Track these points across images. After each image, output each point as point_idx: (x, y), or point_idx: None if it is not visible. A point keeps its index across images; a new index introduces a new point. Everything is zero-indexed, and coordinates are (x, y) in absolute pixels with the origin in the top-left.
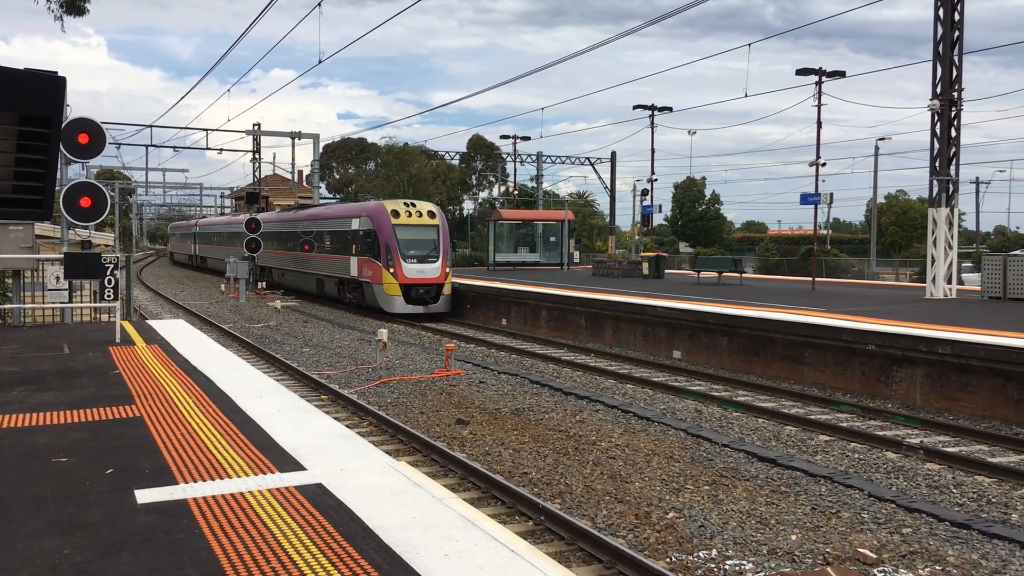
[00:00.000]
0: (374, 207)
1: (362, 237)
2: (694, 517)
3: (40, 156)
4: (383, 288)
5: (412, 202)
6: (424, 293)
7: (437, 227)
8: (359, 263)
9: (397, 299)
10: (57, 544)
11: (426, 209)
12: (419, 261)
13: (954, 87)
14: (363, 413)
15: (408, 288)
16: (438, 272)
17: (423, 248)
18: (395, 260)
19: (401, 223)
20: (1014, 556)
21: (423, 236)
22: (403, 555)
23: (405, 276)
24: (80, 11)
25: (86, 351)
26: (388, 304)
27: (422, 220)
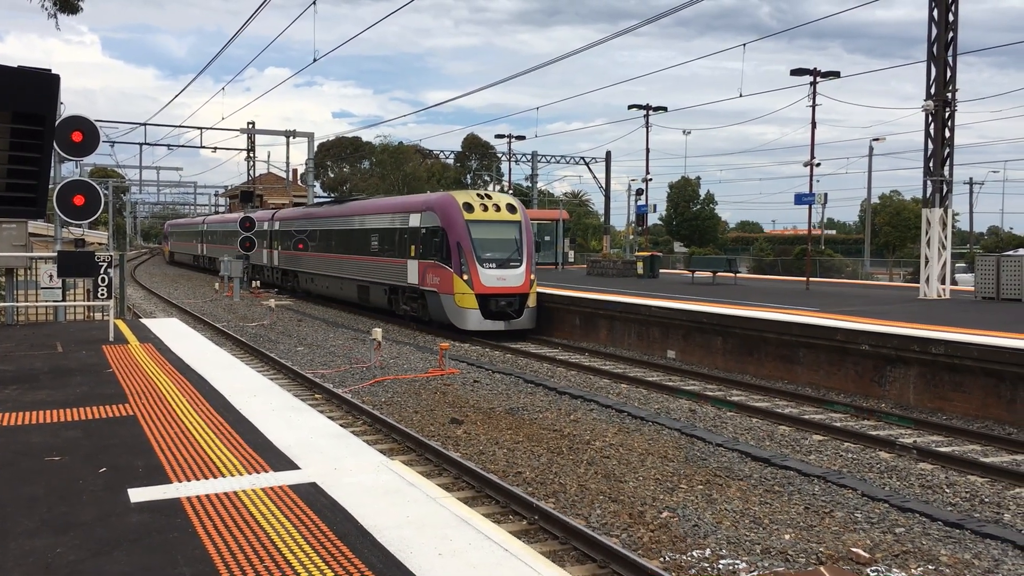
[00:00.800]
0: (441, 199)
1: (425, 236)
2: (688, 516)
3: (33, 154)
4: (454, 299)
5: (487, 193)
6: (506, 305)
7: (519, 224)
8: (420, 268)
9: (472, 313)
10: (50, 543)
11: (504, 202)
12: (499, 266)
13: (948, 88)
14: (357, 412)
15: (486, 299)
16: (522, 279)
17: (503, 250)
18: (470, 265)
19: (476, 219)
20: (1006, 556)
21: (503, 235)
22: (397, 554)
23: (482, 285)
24: (74, 9)
25: (79, 350)
26: (460, 319)
27: (500, 215)
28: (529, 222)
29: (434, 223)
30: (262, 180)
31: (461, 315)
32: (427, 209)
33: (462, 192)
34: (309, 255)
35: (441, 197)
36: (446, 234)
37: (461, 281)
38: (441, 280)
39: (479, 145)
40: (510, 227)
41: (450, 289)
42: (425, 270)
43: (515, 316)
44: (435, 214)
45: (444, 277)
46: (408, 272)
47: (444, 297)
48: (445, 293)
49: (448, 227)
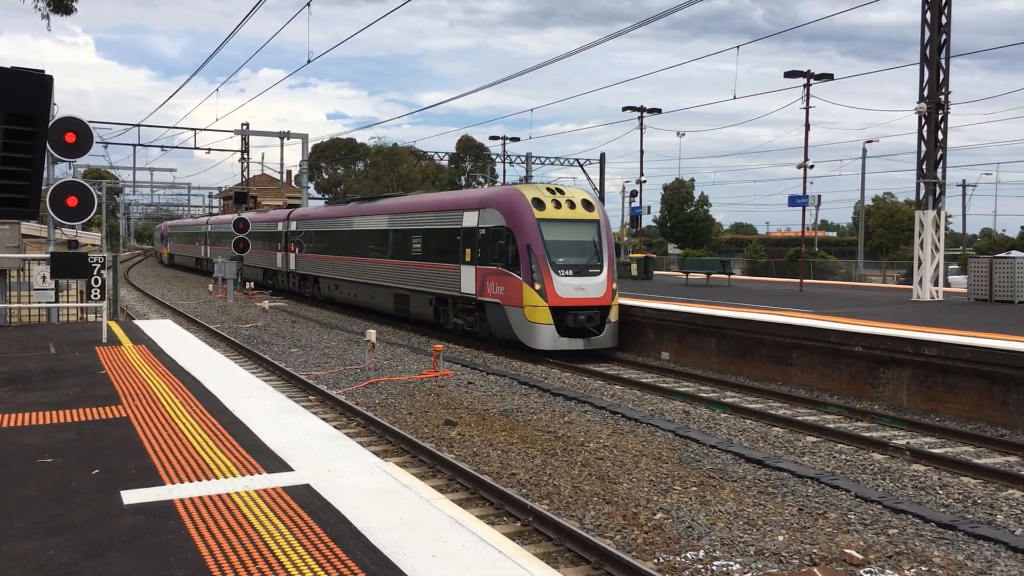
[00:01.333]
0: (507, 195)
1: (485, 238)
2: (682, 518)
3: (26, 155)
4: (524, 313)
5: (559, 187)
6: (585, 320)
7: (597, 223)
8: (479, 276)
9: (545, 329)
10: (42, 545)
11: (579, 197)
12: (576, 273)
13: (941, 90)
14: (351, 414)
15: (562, 313)
16: (603, 289)
17: (581, 254)
18: (543, 272)
19: (547, 217)
20: (999, 557)
21: (580, 236)
22: (390, 556)
23: (558, 296)
24: (67, 10)
25: (72, 351)
26: (531, 336)
27: (576, 213)
28: (608, 221)
29: (497, 223)
30: (256, 181)
31: (532, 332)
32: (487, 206)
33: (529, 186)
34: (333, 259)
35: (506, 192)
36: (513, 236)
37: (532, 292)
38: (507, 290)
39: (473, 146)
40: (587, 227)
41: (518, 301)
42: (485, 278)
43: (596, 332)
44: (498, 212)
45: (511, 287)
46: (462, 280)
47: (510, 310)
48: (511, 305)
49: (516, 227)
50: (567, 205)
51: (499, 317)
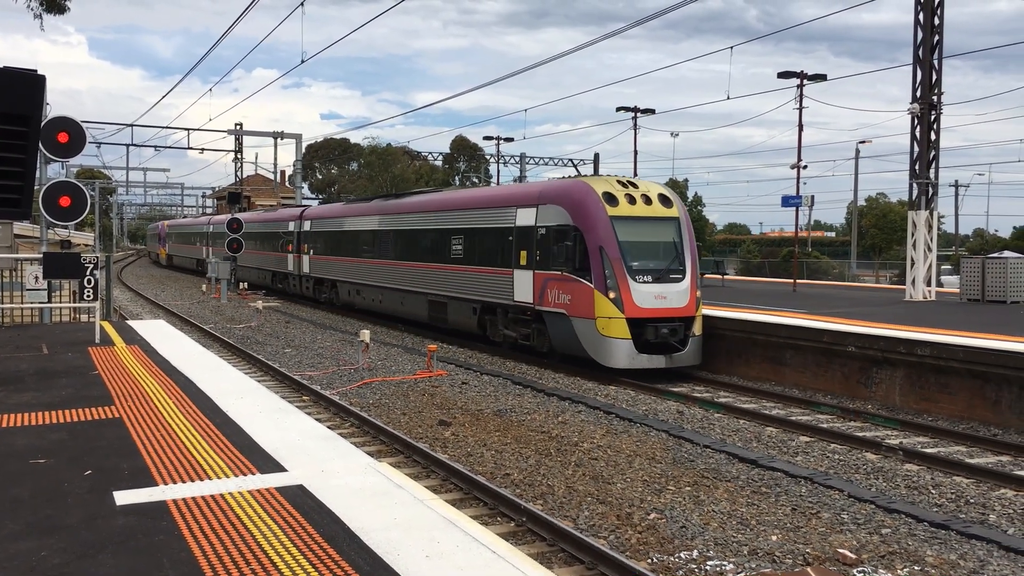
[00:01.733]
0: (573, 189)
1: (545, 239)
2: (675, 518)
3: (19, 155)
4: (595, 326)
5: (631, 180)
6: (668, 334)
7: (677, 221)
8: (537, 282)
9: (621, 345)
10: (35, 546)
11: (655, 192)
12: (656, 279)
13: (934, 91)
14: (345, 414)
15: (641, 326)
16: (686, 297)
17: (661, 257)
18: (619, 278)
19: (621, 214)
20: (992, 556)
21: (659, 236)
22: (384, 556)
23: (636, 306)
24: (60, 9)
25: (65, 351)
26: (604, 352)
27: (653, 209)
28: (688, 218)
29: (561, 221)
30: (250, 181)
31: (605, 347)
32: (548, 202)
33: (597, 179)
34: (354, 261)
35: (572, 186)
36: (582, 236)
37: (606, 301)
38: (574, 299)
39: (467, 147)
40: (667, 225)
41: (589, 311)
42: (545, 285)
43: (678, 348)
44: (562, 209)
45: (579, 295)
46: (515, 286)
47: (578, 323)
48: (580, 317)
49: (585, 226)
50: (642, 200)
51: (563, 330)
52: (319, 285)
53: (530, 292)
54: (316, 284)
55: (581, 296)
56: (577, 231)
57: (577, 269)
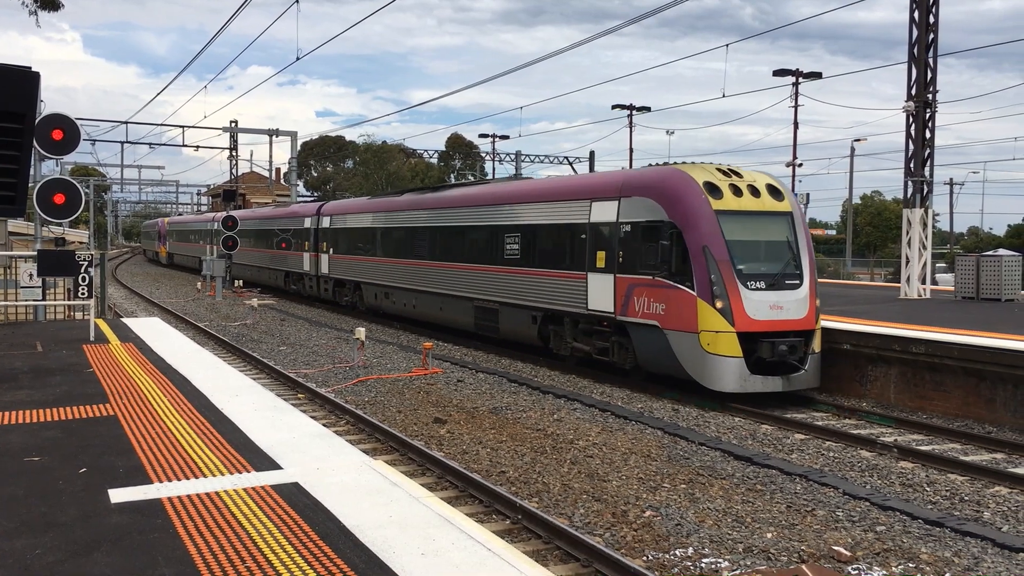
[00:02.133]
0: (668, 178)
1: (632, 236)
2: (671, 515)
3: (13, 152)
4: (699, 341)
5: (732, 168)
6: (787, 351)
7: (790, 216)
8: (620, 288)
9: (731, 364)
10: (29, 544)
11: (763, 182)
12: (770, 286)
13: (929, 89)
14: (340, 412)
15: (755, 341)
16: (805, 307)
17: (775, 259)
18: (727, 284)
19: (727, 209)
20: (986, 554)
21: (771, 234)
22: (379, 554)
23: (748, 317)
24: (55, 6)
25: (59, 349)
26: (710, 372)
27: (761, 203)
28: (803, 213)
29: (652, 216)
30: (245, 179)
31: (711, 367)
32: (634, 194)
33: (694, 167)
34: (384, 261)
35: (666, 175)
36: (681, 234)
37: (712, 312)
38: (670, 308)
39: (463, 144)
40: (779, 221)
41: (690, 323)
42: (631, 291)
43: (797, 368)
44: (653, 202)
45: (677, 304)
46: (590, 293)
47: (676, 337)
48: (678, 330)
49: (686, 222)
50: (748, 191)
51: (655, 345)
52: (340, 287)
53: (609, 300)
54: (336, 286)
55: (680, 305)
56: (674, 228)
57: (674, 273)
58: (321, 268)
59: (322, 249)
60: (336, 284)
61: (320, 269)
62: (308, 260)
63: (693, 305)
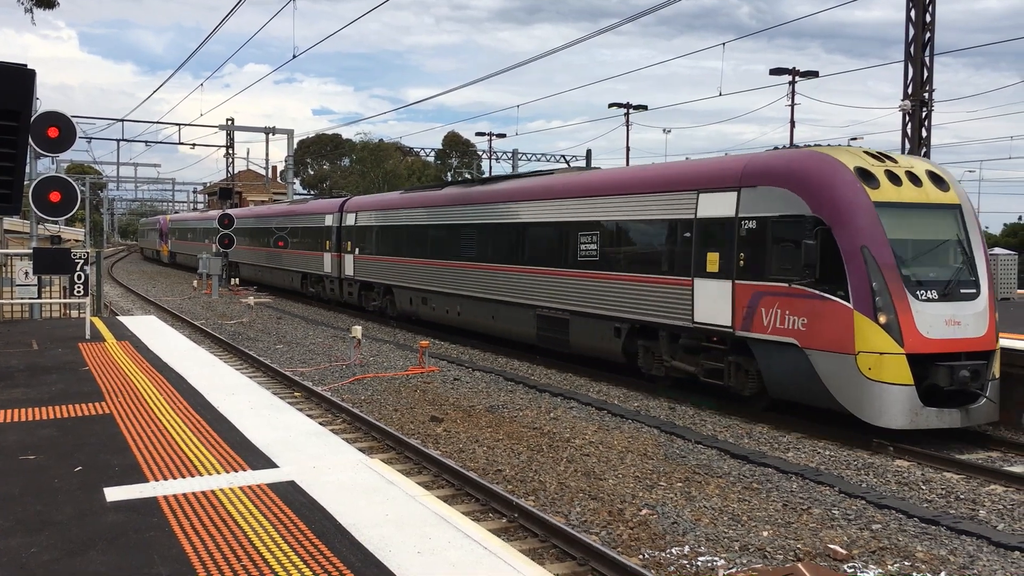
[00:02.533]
0: (811, 162)
1: (758, 234)
2: (667, 514)
3: (9, 150)
4: (857, 365)
5: (885, 153)
6: (969, 377)
7: (958, 210)
8: (743, 296)
9: (899, 394)
10: (24, 542)
11: (922, 168)
12: (943, 297)
13: (925, 88)
14: (336, 410)
15: (928, 365)
16: (984, 322)
17: (945, 263)
18: (893, 294)
19: (886, 201)
20: (981, 552)
21: (938, 232)
22: (376, 552)
23: (920, 335)
24: (50, 3)
25: (55, 347)
26: (871, 403)
27: (923, 194)
28: (972, 206)
29: (790, 209)
30: (241, 177)
31: (872, 397)
32: (760, 182)
33: (842, 149)
34: (421, 263)
35: (807, 159)
36: (831, 232)
37: (874, 328)
38: (815, 323)
39: (459, 143)
40: (946, 216)
41: (844, 343)
42: (756, 301)
43: (977, 396)
44: (790, 192)
45: (825, 317)
46: (697, 302)
47: (824, 359)
48: (827, 351)
49: (837, 218)
50: (908, 179)
51: (792, 368)
52: (366, 291)
53: (725, 310)
54: (363, 289)
55: (830, 320)
56: (820, 224)
57: (820, 280)
58: (345, 270)
59: (346, 249)
60: (362, 287)
61: (343, 271)
62: (329, 261)
63: (848, 320)
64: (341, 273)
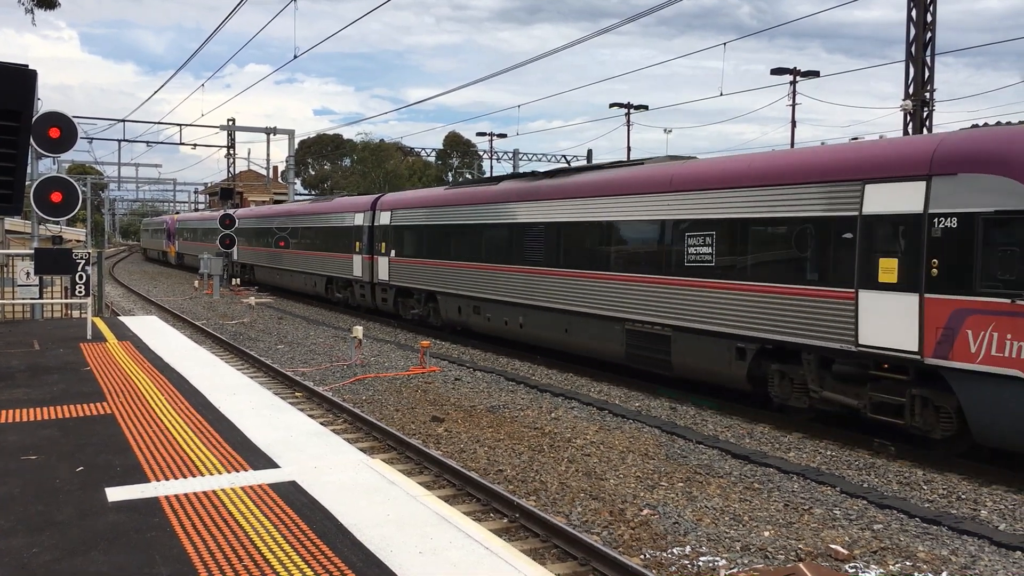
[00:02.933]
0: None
1: (967, 236)
2: (668, 514)
3: (10, 150)
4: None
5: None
6: None
7: None
8: (937, 314)
9: None
10: (26, 543)
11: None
12: None
13: (926, 88)
14: (338, 410)
15: None
16: None
17: None
18: None
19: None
20: (983, 552)
21: None
22: (377, 552)
23: None
24: (51, 4)
25: (57, 347)
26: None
27: None
28: None
29: (1014, 203)
30: (242, 177)
31: None
32: (964, 168)
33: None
34: (471, 267)
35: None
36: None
37: None
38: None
39: (460, 143)
40: None
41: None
42: (961, 321)
43: None
44: (1016, 181)
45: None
46: (863, 319)
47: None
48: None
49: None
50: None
51: (1017, 410)
52: (404, 297)
53: (910, 331)
54: (400, 295)
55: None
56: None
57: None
58: (378, 274)
59: (379, 251)
60: (399, 293)
61: (377, 275)
62: (360, 264)
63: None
64: (374, 277)
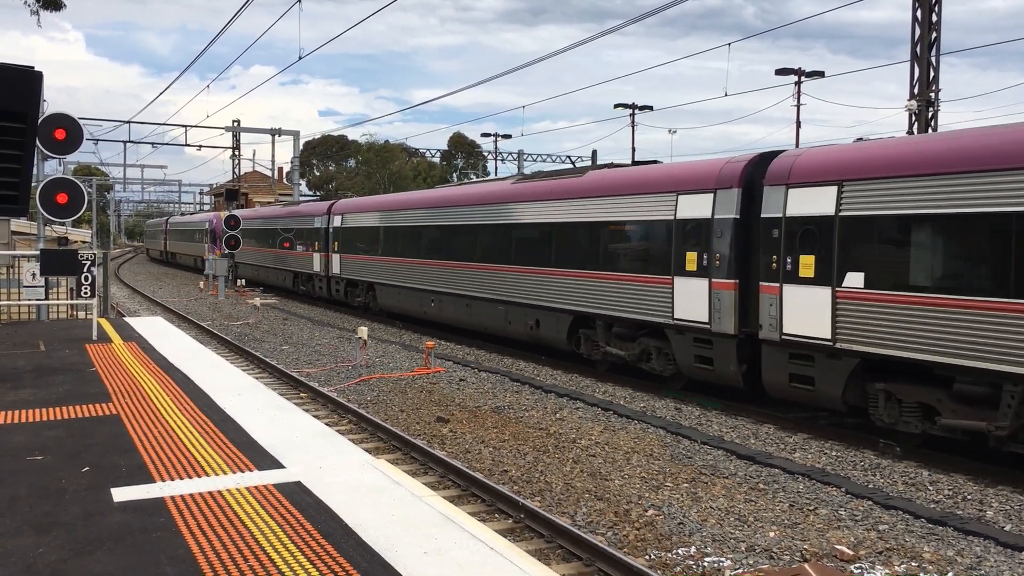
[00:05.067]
0: None
1: None
2: (673, 514)
3: (16, 152)
4: None
5: None
6: None
7: None
8: None
9: None
10: (32, 543)
11: None
12: None
13: (931, 88)
14: (343, 411)
15: None
16: None
17: None
18: None
19: None
20: (989, 553)
21: None
22: (382, 553)
23: None
24: (57, 5)
25: (62, 348)
26: None
27: None
28: None
29: None
30: (247, 178)
31: None
32: None
33: None
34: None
35: None
36: None
37: None
38: None
39: (465, 144)
40: None
41: None
42: None
43: None
44: None
45: None
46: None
47: None
48: None
49: None
50: None
51: None
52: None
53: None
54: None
55: None
56: None
57: None
58: (332, 269)
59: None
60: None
61: (331, 270)
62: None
63: None
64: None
